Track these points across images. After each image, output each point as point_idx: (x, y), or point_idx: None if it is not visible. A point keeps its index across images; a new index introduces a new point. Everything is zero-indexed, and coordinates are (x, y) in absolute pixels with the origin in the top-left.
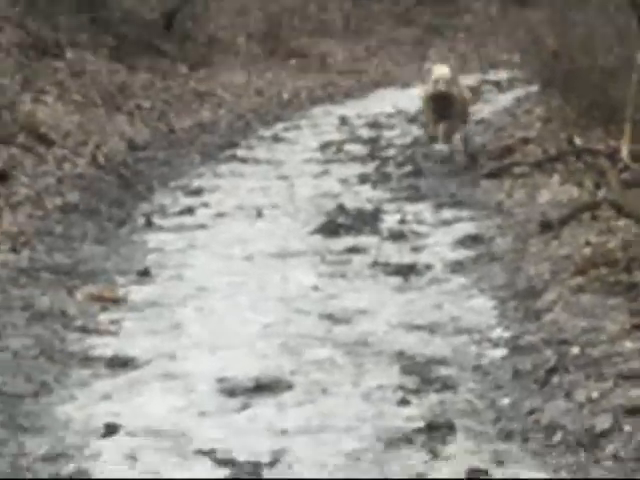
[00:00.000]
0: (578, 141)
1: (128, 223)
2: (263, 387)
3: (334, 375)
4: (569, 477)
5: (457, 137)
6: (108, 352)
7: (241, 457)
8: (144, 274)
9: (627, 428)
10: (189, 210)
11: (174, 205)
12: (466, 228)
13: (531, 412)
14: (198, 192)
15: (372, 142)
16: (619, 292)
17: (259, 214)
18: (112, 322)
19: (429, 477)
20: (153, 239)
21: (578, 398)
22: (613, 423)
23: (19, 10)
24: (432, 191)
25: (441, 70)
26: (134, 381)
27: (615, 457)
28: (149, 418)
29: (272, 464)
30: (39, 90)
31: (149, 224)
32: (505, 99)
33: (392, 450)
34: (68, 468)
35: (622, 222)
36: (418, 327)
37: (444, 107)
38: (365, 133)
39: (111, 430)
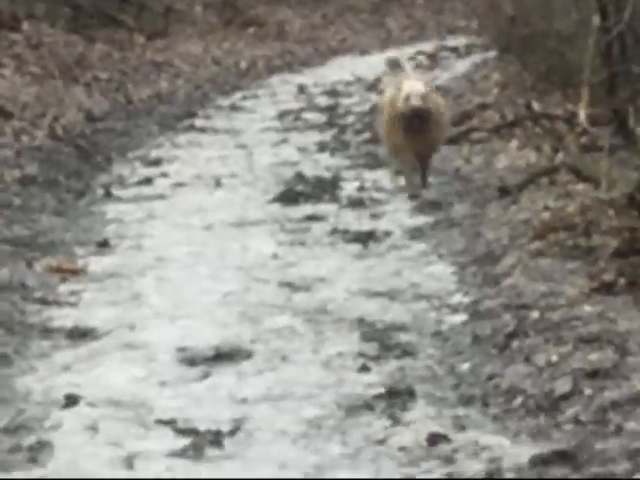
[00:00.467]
0: (536, 106)
1: (87, 194)
2: (223, 356)
3: (294, 343)
4: (528, 440)
5: None
6: (68, 323)
7: (202, 426)
8: (103, 245)
9: (587, 391)
10: (148, 180)
11: (133, 176)
12: (424, 194)
13: (491, 377)
14: (157, 162)
15: (330, 110)
16: (578, 256)
17: (218, 183)
18: (72, 293)
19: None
20: (112, 210)
21: (538, 362)
22: (573, 386)
23: None
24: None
25: (414, 86)
26: (94, 352)
27: (575, 420)
28: (109, 389)
29: (233, 432)
30: None
31: (108, 195)
32: (463, 65)
33: (352, 417)
34: (29, 440)
35: (580, 186)
36: (378, 294)
37: (418, 129)
38: (323, 101)
39: (72, 401)
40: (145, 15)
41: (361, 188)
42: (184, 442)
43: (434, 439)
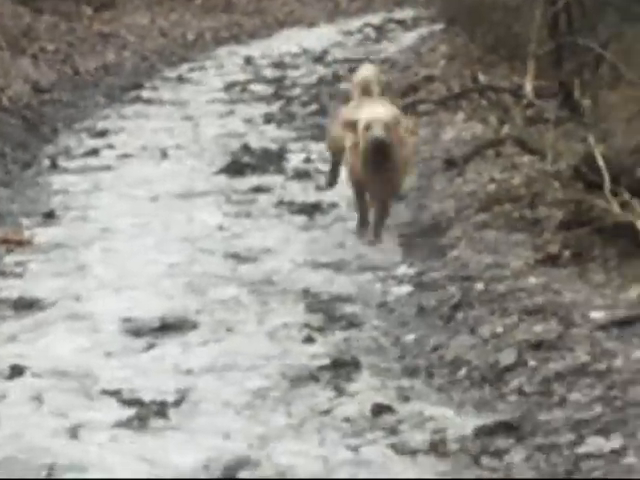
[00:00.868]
0: (482, 78)
1: (33, 165)
2: (168, 327)
3: (239, 314)
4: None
5: None
6: (14, 294)
7: (147, 397)
8: (49, 216)
9: (531, 363)
10: (94, 152)
11: (79, 147)
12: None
13: (436, 348)
14: (103, 134)
15: (277, 82)
16: (523, 228)
17: (164, 155)
18: (17, 264)
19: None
20: (58, 181)
21: (482, 333)
22: (517, 358)
23: None
24: None
25: (375, 110)
26: (40, 322)
27: (520, 391)
28: (55, 359)
29: (178, 403)
30: None
31: (54, 166)
32: (410, 37)
33: (297, 388)
34: None
35: (526, 158)
36: (323, 265)
37: (381, 163)
38: (270, 73)
39: (17, 372)
40: None
41: (307, 160)
42: (129, 413)
43: (378, 410)
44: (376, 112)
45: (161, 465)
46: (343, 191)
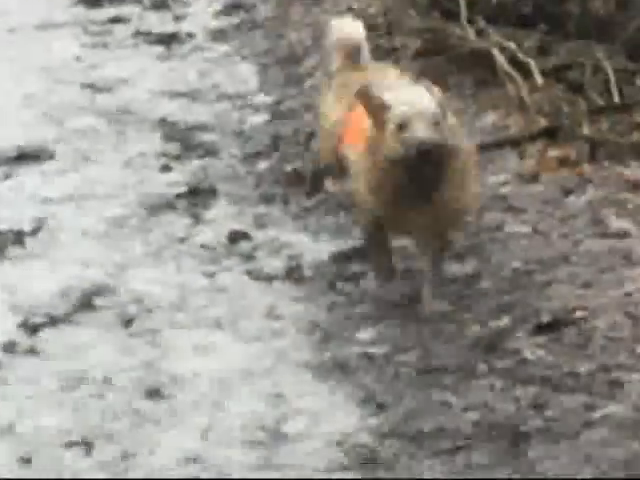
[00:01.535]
0: None
1: None
2: (26, 156)
3: (97, 143)
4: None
5: None
6: None
7: (4, 225)
8: None
9: None
10: None
11: None
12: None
13: None
14: None
15: None
16: (380, 57)
17: None
18: None
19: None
20: None
21: None
22: None
23: None
24: None
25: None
26: None
27: None
28: None
29: (35, 232)
30: None
31: None
32: None
33: (155, 216)
34: None
35: None
36: (180, 94)
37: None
38: None
39: None
40: None
41: None
42: None
43: (235, 237)
44: (413, 97)
45: (21, 293)
46: (201, 21)
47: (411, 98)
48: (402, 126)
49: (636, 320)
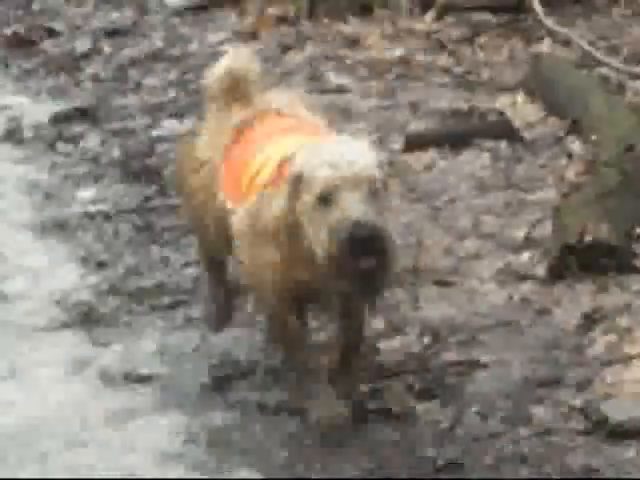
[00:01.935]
0: None
1: None
2: None
3: None
4: None
5: None
6: None
7: None
8: None
9: (106, 49)
10: None
11: None
12: None
13: None
14: None
15: None
16: None
17: None
18: None
19: None
20: None
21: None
22: (92, 45)
23: None
24: None
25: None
26: None
27: (95, 78)
28: None
29: None
30: None
31: None
32: None
33: None
34: None
35: None
36: None
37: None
38: None
39: None
40: None
41: None
42: None
43: None
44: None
45: None
46: None
47: (337, 151)
48: (325, 199)
49: None
